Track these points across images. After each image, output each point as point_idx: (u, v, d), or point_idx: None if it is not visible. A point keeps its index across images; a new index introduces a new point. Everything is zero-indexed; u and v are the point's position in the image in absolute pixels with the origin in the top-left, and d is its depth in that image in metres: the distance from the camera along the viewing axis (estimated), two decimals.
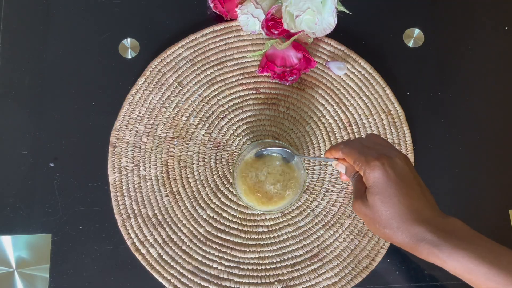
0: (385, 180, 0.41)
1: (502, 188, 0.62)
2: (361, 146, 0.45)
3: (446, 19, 0.68)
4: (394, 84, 0.64)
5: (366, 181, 0.42)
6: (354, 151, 0.45)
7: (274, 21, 0.61)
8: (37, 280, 0.57)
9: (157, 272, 0.57)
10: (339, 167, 0.48)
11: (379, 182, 0.41)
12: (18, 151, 0.61)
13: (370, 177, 0.42)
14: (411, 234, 0.40)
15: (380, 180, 0.41)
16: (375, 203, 0.41)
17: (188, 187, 0.60)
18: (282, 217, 0.60)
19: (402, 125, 0.62)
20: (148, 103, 0.63)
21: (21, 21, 0.66)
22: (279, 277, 0.57)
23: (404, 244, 0.40)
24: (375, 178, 0.42)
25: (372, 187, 0.42)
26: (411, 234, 0.40)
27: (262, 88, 0.64)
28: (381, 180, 0.41)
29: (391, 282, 0.58)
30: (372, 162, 0.42)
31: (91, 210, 0.59)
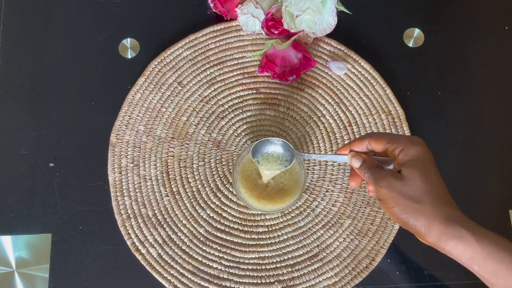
0: (427, 154, 0.41)
1: (502, 188, 0.62)
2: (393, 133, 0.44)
3: (446, 19, 0.68)
4: (394, 84, 0.64)
5: (404, 157, 0.41)
6: (388, 133, 0.44)
7: (274, 21, 0.61)
8: (37, 280, 0.57)
9: (157, 272, 0.57)
10: (355, 159, 0.45)
11: (420, 156, 0.40)
12: (18, 151, 0.61)
13: (410, 151, 0.41)
14: (446, 213, 0.38)
15: (422, 154, 0.40)
16: (414, 175, 0.40)
17: (188, 187, 0.60)
18: (282, 217, 0.60)
19: (402, 125, 0.62)
20: (148, 103, 0.63)
21: (21, 21, 0.66)
22: (279, 277, 0.57)
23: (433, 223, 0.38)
24: (417, 151, 0.41)
25: (413, 160, 0.40)
26: (445, 212, 0.38)
27: (262, 88, 0.64)
28: (424, 155, 0.41)
29: (391, 282, 0.58)
30: (415, 139, 0.42)
31: (91, 210, 0.59)
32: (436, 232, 0.38)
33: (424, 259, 0.59)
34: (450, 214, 0.38)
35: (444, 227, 0.38)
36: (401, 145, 0.41)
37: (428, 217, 0.38)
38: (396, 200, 0.40)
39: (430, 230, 0.38)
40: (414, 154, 0.41)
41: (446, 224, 0.38)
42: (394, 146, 0.42)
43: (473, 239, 0.37)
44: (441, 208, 0.38)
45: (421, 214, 0.39)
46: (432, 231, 0.38)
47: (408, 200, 0.39)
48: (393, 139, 0.42)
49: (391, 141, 0.42)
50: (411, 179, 0.40)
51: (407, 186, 0.40)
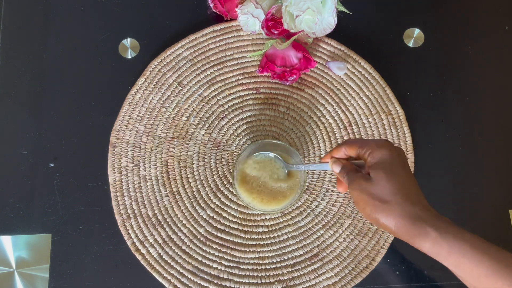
0: (392, 156, 0.43)
1: (502, 188, 0.62)
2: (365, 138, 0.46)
3: (446, 19, 0.68)
4: (394, 84, 0.64)
5: (372, 160, 0.43)
6: (360, 139, 0.47)
7: (274, 21, 0.61)
8: (37, 280, 0.57)
9: (157, 272, 0.57)
10: (336, 165, 0.48)
11: (386, 158, 0.42)
12: (18, 151, 0.61)
13: (377, 154, 0.43)
14: (411, 211, 0.40)
15: (387, 156, 0.43)
16: (380, 176, 0.42)
17: (188, 187, 0.60)
18: (282, 217, 0.60)
19: (402, 125, 0.62)
20: (148, 103, 0.63)
21: (21, 21, 0.66)
22: (279, 277, 0.57)
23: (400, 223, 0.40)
24: (382, 154, 0.43)
25: (378, 163, 0.43)
26: (410, 211, 0.40)
27: (262, 88, 0.64)
28: (388, 156, 0.43)
29: (391, 282, 0.58)
30: (380, 142, 0.44)
31: (91, 210, 0.59)
32: (403, 230, 0.40)
33: (424, 259, 0.59)
34: (416, 212, 0.40)
35: (410, 225, 0.40)
36: (369, 149, 0.44)
37: (395, 216, 0.40)
38: (366, 201, 0.42)
39: (398, 228, 0.40)
40: (380, 157, 0.43)
41: (412, 223, 0.40)
42: (364, 150, 0.44)
43: (437, 235, 0.39)
44: (407, 208, 0.40)
45: (389, 214, 0.41)
46: (400, 229, 0.40)
47: (376, 200, 0.41)
48: (362, 144, 0.45)
49: (361, 146, 0.45)
50: (377, 180, 0.42)
51: (374, 187, 0.42)
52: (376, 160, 0.43)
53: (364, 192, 0.42)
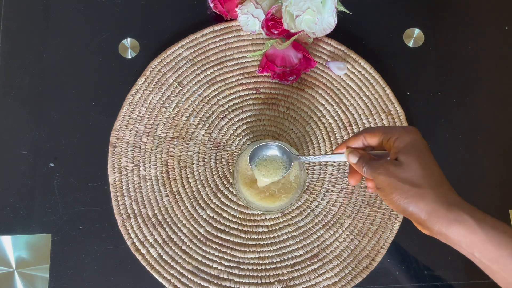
0: (422, 142, 0.41)
1: (502, 188, 0.62)
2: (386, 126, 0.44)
3: (446, 19, 0.68)
4: (394, 84, 0.64)
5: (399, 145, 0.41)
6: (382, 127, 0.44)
7: (274, 21, 0.61)
8: (37, 280, 0.57)
9: (157, 272, 0.57)
10: (352, 155, 0.44)
11: (416, 142, 0.41)
12: (18, 151, 0.61)
13: (405, 139, 0.41)
14: (447, 196, 0.38)
15: (417, 141, 0.41)
16: (411, 159, 0.39)
17: (188, 187, 0.60)
18: (282, 217, 0.60)
19: (402, 125, 0.62)
20: (148, 103, 0.63)
21: (21, 21, 0.66)
22: (279, 277, 0.57)
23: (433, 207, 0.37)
24: (411, 139, 0.41)
25: (408, 146, 0.40)
26: (446, 196, 0.38)
27: (262, 88, 0.64)
28: (418, 141, 0.41)
29: (391, 282, 0.58)
30: (408, 128, 0.42)
31: (91, 210, 0.59)
32: (436, 216, 0.37)
33: (424, 259, 0.59)
34: (451, 197, 0.38)
35: (445, 210, 0.37)
36: (395, 135, 0.42)
37: (428, 201, 0.38)
38: (394, 186, 0.39)
39: (430, 214, 0.37)
40: (409, 141, 0.41)
41: (447, 208, 0.37)
42: (389, 136, 0.42)
43: (475, 223, 0.36)
44: (440, 192, 0.38)
45: (420, 199, 0.38)
46: (433, 215, 0.37)
47: (406, 184, 0.38)
48: (387, 130, 0.43)
49: (385, 132, 0.43)
50: (408, 163, 0.39)
51: (404, 171, 0.39)
52: (406, 143, 0.41)
53: (392, 176, 0.39)
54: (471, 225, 0.36)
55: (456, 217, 0.36)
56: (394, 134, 0.42)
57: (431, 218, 0.37)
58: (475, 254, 0.37)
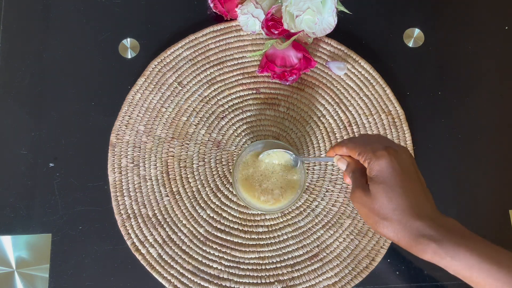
0: (390, 170, 0.41)
1: (502, 188, 0.62)
2: (366, 140, 0.45)
3: (446, 19, 0.68)
4: (394, 84, 0.64)
5: (370, 171, 0.42)
6: (359, 144, 0.45)
7: (274, 21, 0.61)
8: (37, 280, 0.57)
9: (157, 272, 0.57)
10: (341, 163, 0.47)
11: (384, 172, 0.41)
12: (18, 151, 0.61)
13: (375, 166, 0.41)
14: (412, 228, 0.39)
15: (385, 170, 0.41)
16: (378, 192, 0.41)
17: (188, 187, 0.60)
18: (282, 217, 0.60)
19: (402, 125, 0.62)
20: (148, 103, 0.63)
21: (21, 21, 0.66)
22: (279, 277, 0.57)
23: (402, 238, 0.40)
24: (380, 167, 0.41)
25: (376, 176, 0.41)
26: (411, 228, 0.39)
27: (262, 88, 0.64)
28: (386, 170, 0.41)
29: (391, 282, 0.58)
30: (378, 152, 0.42)
31: (91, 210, 0.59)
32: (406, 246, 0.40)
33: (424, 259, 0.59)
34: (417, 228, 0.39)
35: (412, 242, 0.39)
36: (367, 159, 0.43)
37: (396, 233, 0.40)
38: (366, 214, 0.42)
39: (401, 243, 0.40)
40: (378, 169, 0.41)
41: (414, 239, 0.39)
42: (363, 159, 0.43)
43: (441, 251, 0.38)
44: (408, 224, 0.39)
45: (390, 230, 0.40)
46: (403, 244, 0.40)
47: (376, 216, 0.41)
48: (361, 151, 0.44)
49: (360, 153, 0.44)
50: (376, 195, 0.41)
51: (373, 203, 0.41)
52: (374, 173, 0.41)
53: (364, 207, 0.42)
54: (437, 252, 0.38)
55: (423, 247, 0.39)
56: (366, 157, 0.43)
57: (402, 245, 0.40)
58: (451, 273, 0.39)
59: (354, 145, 0.45)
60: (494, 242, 0.39)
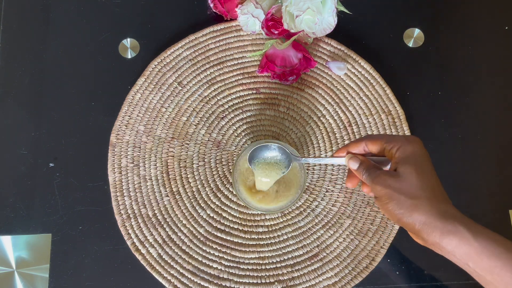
0: (422, 153, 0.41)
1: (502, 188, 0.62)
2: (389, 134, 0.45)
3: (446, 19, 0.68)
4: (394, 84, 0.64)
5: (400, 154, 0.41)
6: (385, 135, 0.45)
7: (274, 21, 0.61)
8: (37, 280, 0.57)
9: (157, 272, 0.57)
10: (353, 161, 0.45)
11: (417, 154, 0.41)
12: (18, 151, 0.61)
13: (407, 148, 0.41)
14: (442, 208, 0.38)
15: (418, 152, 0.41)
16: (410, 171, 0.40)
17: (188, 187, 0.60)
18: (282, 217, 0.60)
19: (402, 125, 0.62)
20: (148, 103, 0.63)
21: (21, 21, 0.66)
22: (279, 277, 0.57)
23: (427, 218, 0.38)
24: (414, 149, 0.41)
25: (408, 157, 0.41)
26: (441, 208, 0.38)
27: (262, 88, 0.64)
28: (419, 152, 0.41)
29: (391, 282, 0.58)
30: (411, 138, 0.43)
31: (91, 210, 0.59)
32: (430, 227, 0.38)
33: (424, 259, 0.59)
34: (446, 209, 0.38)
35: (439, 222, 0.37)
36: (397, 144, 0.42)
37: (423, 212, 0.38)
38: (390, 196, 0.40)
39: (425, 225, 0.38)
40: (410, 152, 0.41)
41: (442, 219, 0.38)
42: (391, 145, 0.43)
43: (469, 234, 0.37)
44: (436, 204, 0.38)
45: (415, 210, 0.38)
46: (427, 226, 0.38)
47: (402, 195, 0.39)
48: (390, 139, 0.43)
49: (388, 141, 0.43)
50: (406, 175, 0.40)
51: (401, 182, 0.40)
52: (407, 154, 0.41)
53: (389, 187, 0.40)
54: (465, 236, 0.37)
55: (450, 228, 0.37)
56: (396, 143, 0.42)
57: (425, 228, 0.38)
58: (469, 264, 0.37)
59: (378, 136, 0.45)
60: None
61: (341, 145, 0.62)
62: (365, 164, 0.44)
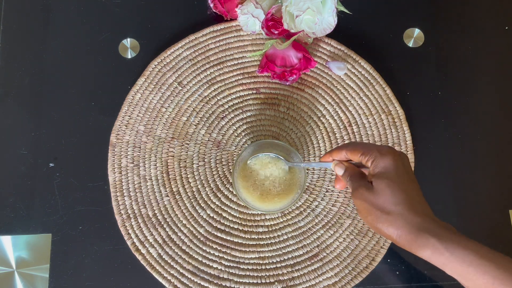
0: (395, 167, 0.42)
1: (502, 188, 0.62)
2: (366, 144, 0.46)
3: (446, 19, 0.68)
4: (394, 84, 0.64)
5: (375, 168, 0.43)
6: (361, 146, 0.46)
7: (274, 21, 0.61)
8: (37, 280, 0.57)
9: (157, 272, 0.57)
10: (338, 167, 0.48)
11: (389, 168, 0.42)
12: (18, 151, 0.61)
13: (380, 163, 0.43)
14: (413, 222, 0.40)
15: (390, 166, 0.42)
16: (382, 187, 0.42)
17: (188, 187, 0.60)
18: (282, 217, 0.60)
19: (402, 125, 0.62)
20: (148, 103, 0.63)
21: (21, 21, 0.66)
22: (279, 277, 0.57)
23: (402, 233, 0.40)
24: (385, 164, 0.42)
25: (381, 172, 0.42)
26: (413, 222, 0.40)
27: (262, 88, 0.64)
28: (391, 166, 0.42)
29: (391, 282, 0.58)
30: (384, 151, 0.43)
31: (91, 210, 0.59)
32: (405, 240, 0.40)
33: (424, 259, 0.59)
34: (418, 223, 0.40)
35: (413, 236, 0.40)
36: (371, 157, 0.44)
37: (397, 227, 0.40)
38: (368, 210, 0.42)
39: (400, 238, 0.40)
40: (383, 166, 0.43)
41: (415, 234, 0.40)
42: (366, 158, 0.44)
43: (440, 245, 0.38)
44: (410, 218, 0.40)
45: (390, 224, 0.41)
46: (402, 239, 0.40)
47: (378, 210, 0.41)
48: (365, 151, 0.45)
49: (363, 153, 0.45)
50: (380, 190, 0.42)
51: (377, 198, 0.42)
52: (379, 169, 0.43)
53: (366, 202, 0.42)
54: (436, 247, 0.39)
55: (424, 242, 0.39)
56: (370, 157, 0.44)
57: (401, 241, 0.41)
58: (447, 271, 0.40)
59: (355, 147, 0.46)
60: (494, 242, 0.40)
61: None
62: (348, 172, 0.46)
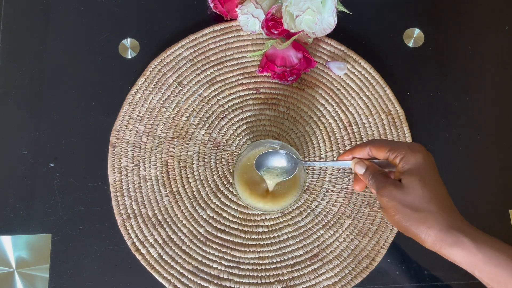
0: (426, 164, 0.41)
1: (502, 188, 0.62)
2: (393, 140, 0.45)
3: (446, 19, 0.68)
4: (394, 84, 0.64)
5: (404, 165, 0.41)
6: (388, 141, 0.44)
7: (274, 21, 0.61)
8: (37, 280, 0.57)
9: (157, 272, 0.57)
10: (359, 166, 0.45)
11: (420, 164, 0.41)
12: (18, 151, 0.61)
13: (411, 159, 0.41)
14: (446, 221, 0.39)
15: (422, 162, 0.41)
16: (414, 184, 0.40)
17: (188, 187, 0.60)
18: (282, 217, 0.60)
19: (402, 125, 0.62)
20: (148, 103, 0.63)
21: (21, 21, 0.66)
22: (279, 277, 0.57)
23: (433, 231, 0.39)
24: (417, 160, 0.41)
25: (412, 169, 0.41)
26: (445, 221, 0.39)
27: (262, 88, 0.64)
28: (423, 162, 0.41)
29: (391, 282, 0.58)
30: (415, 147, 0.42)
31: (91, 210, 0.59)
32: (437, 239, 0.39)
33: (424, 259, 0.59)
34: (450, 221, 0.39)
35: (444, 234, 0.38)
36: (401, 154, 0.42)
37: (429, 226, 0.39)
38: (397, 209, 0.41)
39: (431, 237, 0.39)
40: (414, 163, 0.41)
41: (446, 232, 0.38)
42: (395, 154, 0.43)
43: (473, 245, 0.37)
44: (441, 216, 0.39)
45: (421, 222, 0.39)
46: (433, 238, 0.39)
47: (407, 208, 0.40)
48: (393, 147, 0.43)
49: (391, 149, 0.43)
50: (411, 188, 0.40)
51: (406, 195, 0.40)
52: (410, 166, 0.41)
53: (395, 200, 0.41)
54: (469, 248, 0.38)
55: (455, 241, 0.38)
56: (399, 153, 0.42)
57: (432, 240, 0.39)
58: (476, 273, 0.38)
59: (382, 142, 0.44)
60: None
61: (341, 145, 0.62)
62: (371, 170, 0.45)
